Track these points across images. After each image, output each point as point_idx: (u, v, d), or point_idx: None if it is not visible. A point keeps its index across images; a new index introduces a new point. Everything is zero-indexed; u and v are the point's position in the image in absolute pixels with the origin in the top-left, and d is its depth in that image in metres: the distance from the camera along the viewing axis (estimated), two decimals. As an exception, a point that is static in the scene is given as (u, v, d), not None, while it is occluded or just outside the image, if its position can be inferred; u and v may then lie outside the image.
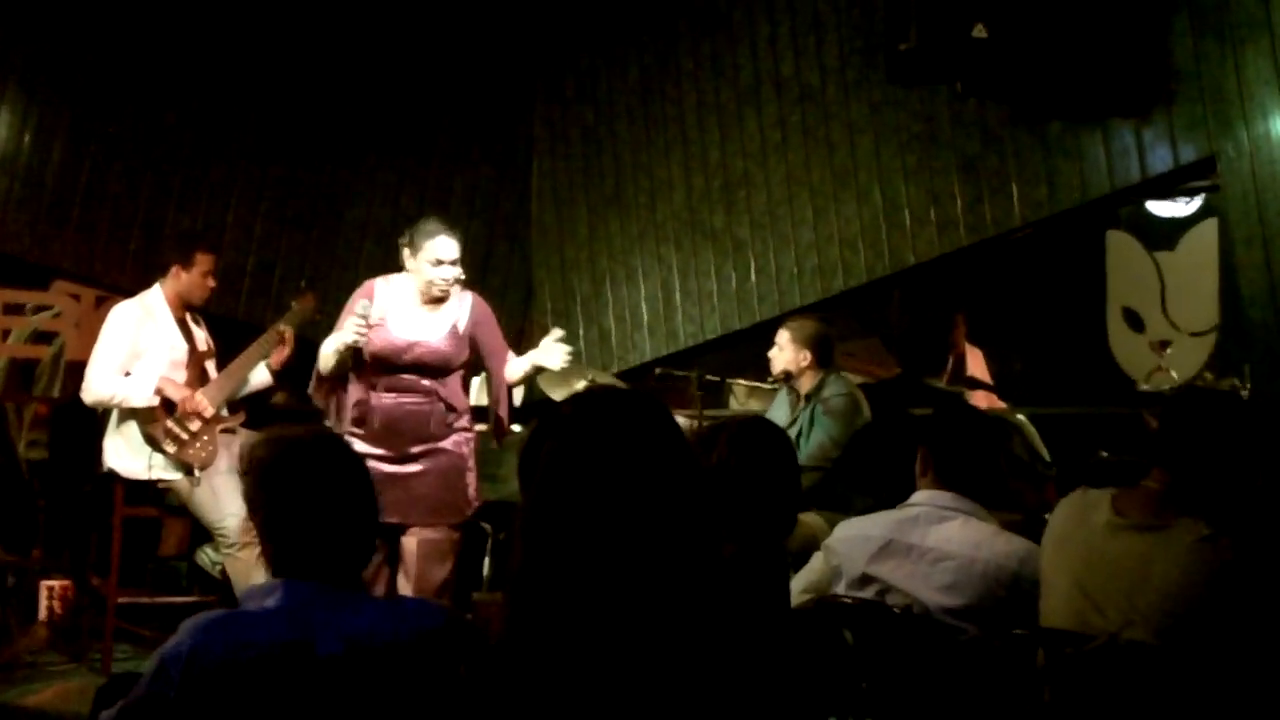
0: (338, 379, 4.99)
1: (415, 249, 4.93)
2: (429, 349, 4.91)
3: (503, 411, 5.20)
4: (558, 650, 1.75)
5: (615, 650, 1.74)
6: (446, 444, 4.97)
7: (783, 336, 5.64)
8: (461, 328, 5.00)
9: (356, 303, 4.93)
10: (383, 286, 5.01)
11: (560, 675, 1.74)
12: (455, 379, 5.04)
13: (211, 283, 5.67)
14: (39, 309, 6.67)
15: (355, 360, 4.94)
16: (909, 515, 3.40)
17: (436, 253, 4.90)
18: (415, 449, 4.89)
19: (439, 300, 4.95)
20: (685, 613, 1.77)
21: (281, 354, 5.58)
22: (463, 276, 4.98)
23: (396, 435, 4.87)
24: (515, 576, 1.84)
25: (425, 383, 4.92)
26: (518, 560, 1.84)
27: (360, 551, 2.48)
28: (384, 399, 4.92)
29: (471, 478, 5.05)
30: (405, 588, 4.82)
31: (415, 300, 4.97)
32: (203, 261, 5.61)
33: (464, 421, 5.04)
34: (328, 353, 4.91)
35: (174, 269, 5.59)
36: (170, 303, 5.58)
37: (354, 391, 4.97)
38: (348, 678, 2.30)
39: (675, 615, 1.77)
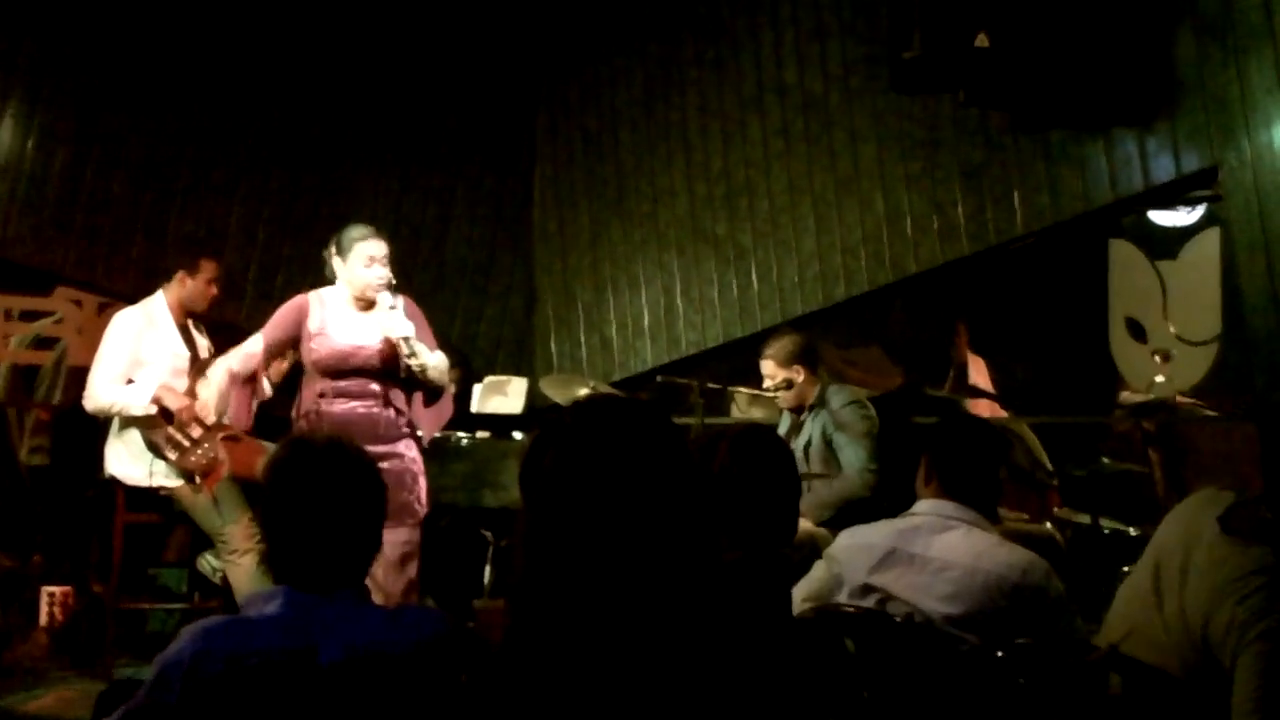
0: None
1: (345, 254, 5.04)
2: (373, 351, 4.97)
3: (431, 411, 5.22)
4: (559, 658, 1.75)
5: (616, 658, 1.74)
6: (399, 447, 5.01)
7: (768, 366, 5.61)
8: None
9: (290, 314, 5.09)
10: (316, 300, 5.11)
11: (561, 683, 1.74)
12: (401, 383, 5.06)
13: (215, 290, 5.68)
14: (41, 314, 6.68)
15: (299, 372, 5.10)
16: (911, 524, 3.40)
17: (369, 252, 5.01)
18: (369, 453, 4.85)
19: (373, 304, 5.02)
20: (687, 621, 1.77)
21: (280, 366, 5.60)
22: (392, 278, 5.04)
23: None
24: (517, 584, 1.84)
25: (374, 386, 5.00)
26: (520, 568, 1.84)
27: (361, 558, 2.48)
28: (334, 406, 4.99)
29: (424, 480, 5.11)
30: (374, 593, 4.84)
31: (351, 307, 5.07)
32: (207, 269, 5.63)
33: (410, 426, 5.09)
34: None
35: (180, 275, 5.60)
36: (173, 309, 5.59)
37: (303, 403, 5.07)
38: (349, 686, 2.29)
39: (677, 623, 1.76)
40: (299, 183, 7.30)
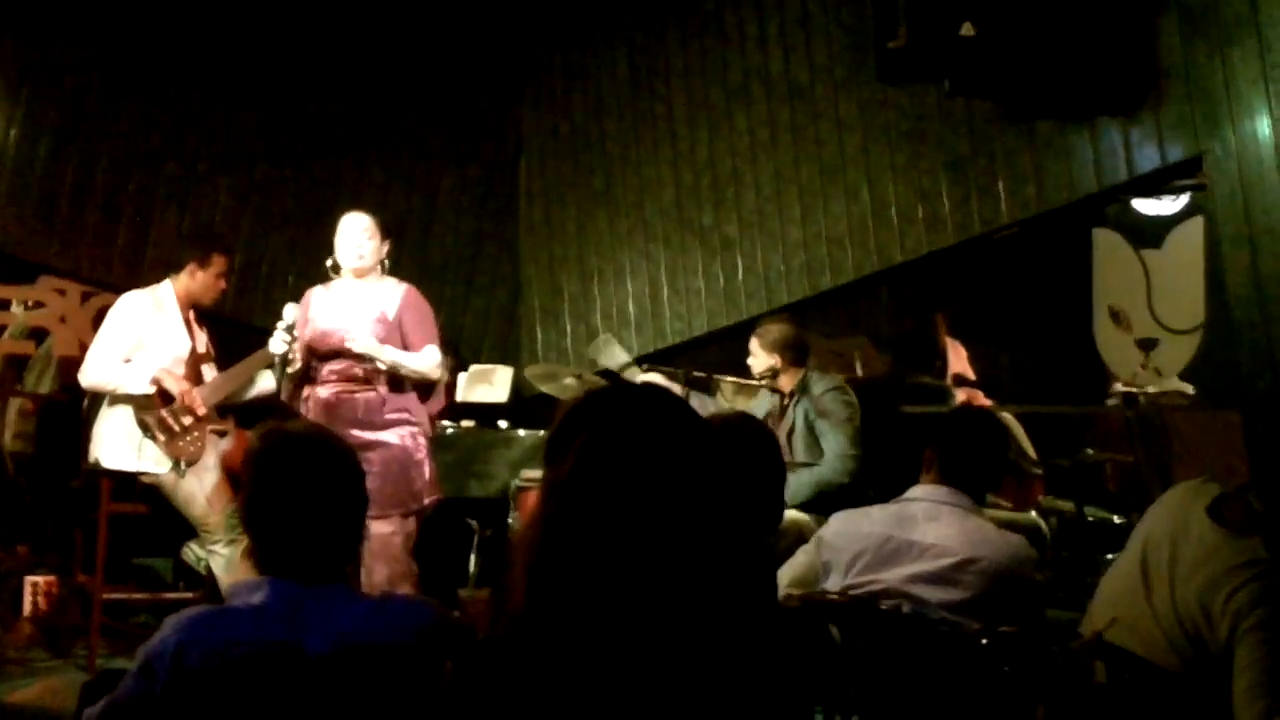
0: (300, 380, 5.17)
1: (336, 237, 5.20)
2: (349, 335, 5.03)
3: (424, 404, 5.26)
4: (566, 641, 1.75)
5: (619, 646, 1.74)
6: (388, 435, 5.03)
7: (754, 343, 5.64)
8: (391, 314, 5.13)
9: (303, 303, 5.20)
10: (319, 291, 5.24)
11: (561, 668, 1.74)
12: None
13: (223, 284, 5.67)
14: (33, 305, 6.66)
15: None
16: (906, 511, 3.40)
17: (341, 230, 5.18)
18: (353, 439, 4.75)
19: (362, 276, 5.15)
20: (693, 614, 1.78)
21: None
22: (364, 250, 5.14)
23: (330, 424, 4.76)
24: (535, 554, 1.83)
25: (358, 370, 5.05)
26: (537, 540, 1.83)
27: (345, 548, 2.46)
28: (319, 390, 5.08)
29: (423, 469, 5.12)
30: (364, 583, 4.84)
31: (349, 291, 5.16)
32: (219, 263, 5.61)
33: (407, 414, 5.10)
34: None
35: (190, 267, 5.57)
36: (180, 299, 5.57)
37: (305, 387, 5.16)
38: (335, 677, 2.29)
39: (684, 616, 1.77)
40: (284, 175, 7.28)
